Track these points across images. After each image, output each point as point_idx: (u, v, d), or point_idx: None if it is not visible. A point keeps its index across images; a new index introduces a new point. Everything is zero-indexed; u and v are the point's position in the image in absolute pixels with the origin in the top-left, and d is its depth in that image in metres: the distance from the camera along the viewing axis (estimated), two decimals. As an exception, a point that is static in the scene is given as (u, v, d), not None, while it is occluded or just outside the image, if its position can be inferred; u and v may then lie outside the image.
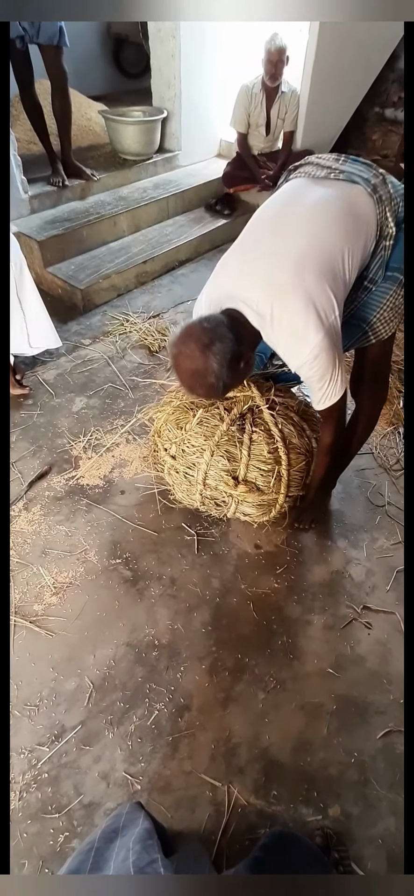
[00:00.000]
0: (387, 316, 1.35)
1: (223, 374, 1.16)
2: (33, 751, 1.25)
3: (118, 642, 1.45)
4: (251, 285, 1.21)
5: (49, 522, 1.75)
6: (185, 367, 1.18)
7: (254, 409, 1.62)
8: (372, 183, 1.23)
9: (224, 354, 1.14)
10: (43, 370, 2.40)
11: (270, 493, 1.56)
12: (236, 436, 1.55)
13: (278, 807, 1.19)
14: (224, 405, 1.61)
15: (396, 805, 1.20)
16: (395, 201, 1.24)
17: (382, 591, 1.61)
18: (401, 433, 2.13)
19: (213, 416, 1.59)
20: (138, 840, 0.76)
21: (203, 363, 1.14)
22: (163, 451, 1.68)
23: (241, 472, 1.54)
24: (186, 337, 1.17)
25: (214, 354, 1.13)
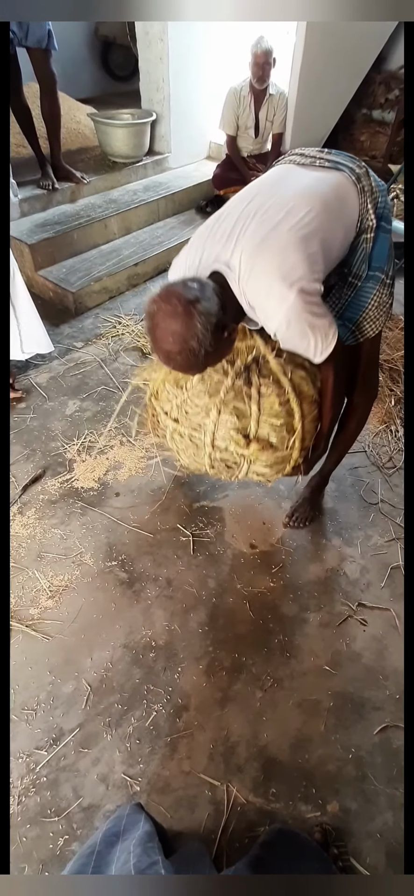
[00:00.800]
0: (372, 315, 1.36)
1: (206, 340, 1.04)
2: (31, 755, 1.24)
3: (115, 644, 1.45)
4: (235, 249, 1.14)
5: (44, 526, 1.74)
6: (165, 326, 1.04)
7: (259, 360, 1.47)
8: (356, 172, 1.24)
9: (209, 316, 1.04)
10: (35, 374, 2.39)
11: (285, 448, 1.42)
12: (244, 389, 1.40)
13: (277, 804, 1.20)
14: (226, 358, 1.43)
15: (394, 800, 1.21)
16: (376, 194, 1.25)
17: (376, 588, 1.62)
18: (393, 431, 2.15)
19: (215, 370, 1.43)
20: (139, 843, 0.76)
21: (186, 322, 1.02)
22: (163, 415, 1.52)
23: (252, 430, 1.39)
24: (169, 293, 1.04)
25: (200, 314, 1.02)
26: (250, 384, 1.40)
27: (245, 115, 3.44)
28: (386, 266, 1.32)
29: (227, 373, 1.41)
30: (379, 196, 1.26)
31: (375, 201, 1.25)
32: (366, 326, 1.39)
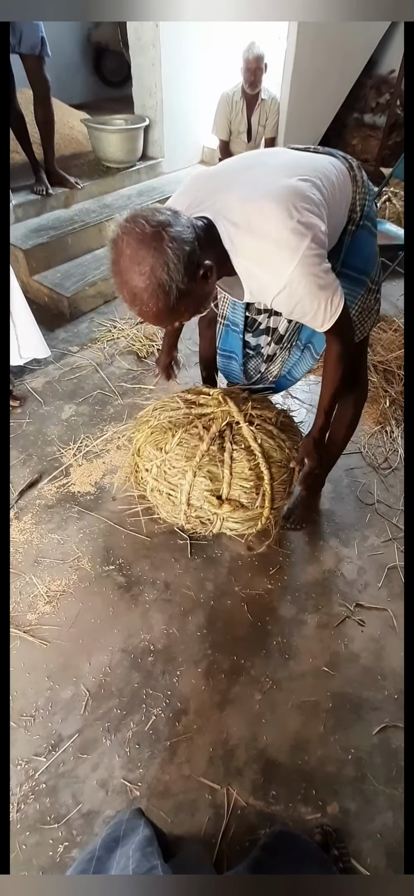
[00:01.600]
0: (357, 320, 1.35)
1: (177, 273, 0.89)
2: (30, 762, 1.23)
3: (113, 649, 1.45)
4: (226, 195, 1.03)
5: (41, 531, 1.73)
6: (130, 252, 0.87)
7: (232, 426, 1.58)
8: (349, 161, 1.24)
9: (182, 244, 0.89)
10: (31, 378, 2.38)
11: (255, 508, 1.53)
12: (217, 455, 1.51)
13: (277, 806, 1.20)
14: (203, 423, 1.57)
15: (394, 799, 1.21)
16: (364, 188, 1.24)
17: (373, 589, 1.63)
18: (388, 432, 2.16)
19: (192, 436, 1.55)
20: (138, 848, 0.76)
21: (155, 247, 0.86)
22: (144, 472, 1.61)
23: (224, 492, 1.51)
24: (136, 215, 0.89)
25: (171, 238, 0.87)
26: (223, 450, 1.52)
27: (238, 120, 3.46)
28: (371, 271, 1.31)
29: (202, 438, 1.52)
30: (367, 195, 1.25)
31: (364, 197, 1.24)
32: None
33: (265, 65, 3.22)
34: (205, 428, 1.56)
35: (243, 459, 1.51)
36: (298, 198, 1.00)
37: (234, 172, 1.12)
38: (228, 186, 1.06)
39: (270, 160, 1.17)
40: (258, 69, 3.20)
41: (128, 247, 0.87)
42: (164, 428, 1.60)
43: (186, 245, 0.90)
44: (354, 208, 1.23)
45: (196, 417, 1.60)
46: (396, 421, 2.20)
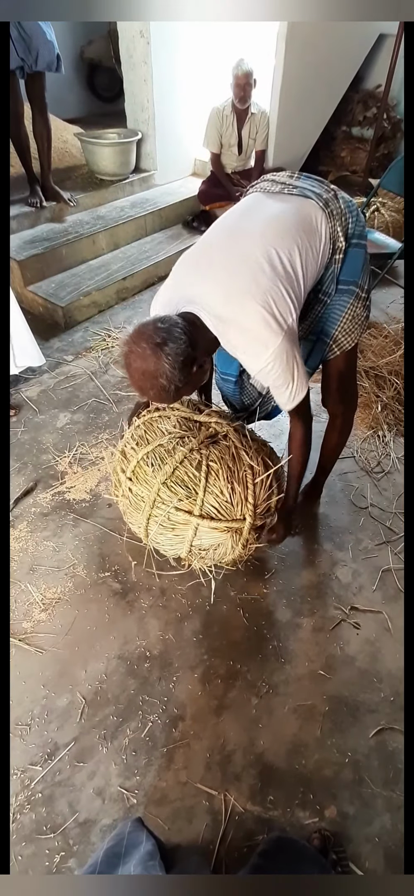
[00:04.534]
0: (348, 327, 1.38)
1: (175, 377, 1.11)
2: (26, 771, 1.22)
3: (109, 656, 1.44)
4: (209, 291, 1.19)
5: (36, 539, 1.73)
6: (136, 366, 1.11)
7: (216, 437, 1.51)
8: (324, 198, 1.27)
9: (177, 356, 1.10)
10: (26, 387, 2.39)
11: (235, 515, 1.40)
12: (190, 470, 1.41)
13: (275, 811, 1.20)
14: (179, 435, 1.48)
15: (391, 802, 1.21)
16: (345, 217, 1.28)
17: (368, 591, 1.64)
18: (380, 436, 2.18)
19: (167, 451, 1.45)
20: (140, 862, 0.76)
21: (154, 363, 1.09)
22: (120, 473, 1.52)
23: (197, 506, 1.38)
24: (139, 335, 1.11)
25: (167, 355, 1.08)
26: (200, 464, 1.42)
27: (228, 134, 3.52)
28: (360, 280, 1.34)
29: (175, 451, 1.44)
30: (349, 217, 1.29)
31: (345, 223, 1.28)
32: (342, 339, 1.40)
33: (254, 80, 3.29)
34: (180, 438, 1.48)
35: (220, 476, 1.40)
36: (272, 295, 1.15)
37: (213, 260, 1.23)
38: (210, 277, 1.20)
39: (247, 240, 1.21)
40: (247, 85, 3.27)
41: (134, 361, 1.11)
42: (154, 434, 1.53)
43: (181, 355, 1.10)
44: (336, 239, 1.27)
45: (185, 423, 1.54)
46: (388, 425, 2.22)
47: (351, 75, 4.28)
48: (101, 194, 3.68)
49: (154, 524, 1.42)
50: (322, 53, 3.69)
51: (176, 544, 1.43)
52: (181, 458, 1.41)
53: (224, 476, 1.39)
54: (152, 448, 1.45)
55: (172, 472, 1.40)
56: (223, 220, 1.32)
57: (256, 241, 1.19)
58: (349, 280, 1.33)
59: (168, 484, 1.39)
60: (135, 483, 1.45)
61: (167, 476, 1.39)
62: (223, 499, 1.38)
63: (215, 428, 1.52)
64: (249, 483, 1.39)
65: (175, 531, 1.41)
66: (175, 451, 1.44)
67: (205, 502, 1.37)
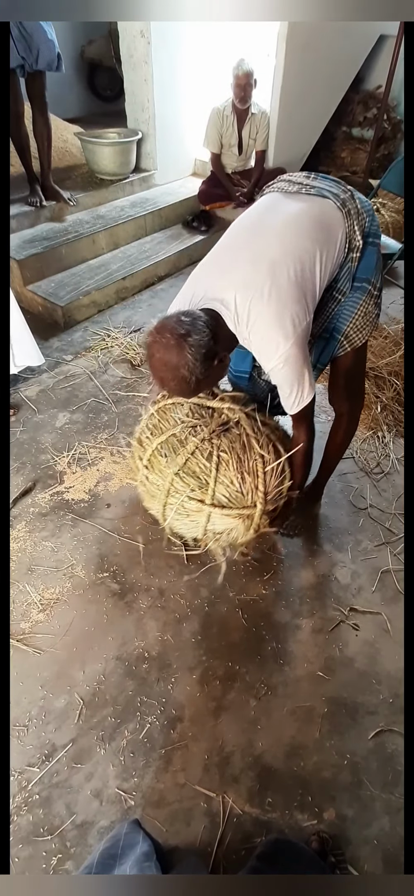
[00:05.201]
0: (359, 324, 1.39)
1: (197, 369, 1.14)
2: (23, 772, 1.22)
3: (108, 656, 1.44)
4: (229, 287, 1.21)
5: (34, 539, 1.73)
6: (159, 356, 1.14)
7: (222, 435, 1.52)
8: (341, 198, 1.28)
9: (199, 348, 1.13)
10: (25, 387, 2.38)
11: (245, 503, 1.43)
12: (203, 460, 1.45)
13: (274, 814, 1.19)
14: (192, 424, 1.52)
15: (390, 804, 1.21)
16: (362, 216, 1.30)
17: (367, 593, 1.64)
18: (380, 437, 2.18)
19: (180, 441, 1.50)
20: (136, 863, 0.75)
21: (177, 354, 1.12)
22: (138, 459, 1.56)
23: (208, 494, 1.42)
24: (163, 327, 1.14)
25: (190, 346, 1.11)
26: (210, 455, 1.45)
27: (229, 134, 3.52)
28: (373, 277, 1.36)
29: (187, 441, 1.48)
30: (365, 216, 1.31)
31: (362, 222, 1.29)
32: (353, 336, 1.42)
33: (255, 80, 3.29)
34: (192, 427, 1.52)
35: (230, 466, 1.44)
36: (290, 297, 1.18)
37: (234, 260, 1.25)
38: (230, 276, 1.23)
39: (266, 242, 1.24)
40: (248, 85, 3.27)
41: (157, 352, 1.14)
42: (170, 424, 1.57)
43: (203, 348, 1.13)
44: (353, 238, 1.29)
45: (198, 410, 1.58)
46: (387, 426, 2.22)
47: (351, 76, 4.28)
48: (101, 194, 3.67)
49: (170, 511, 1.47)
50: (322, 54, 3.69)
51: (191, 528, 1.49)
52: (192, 450, 1.45)
53: (234, 466, 1.43)
54: (166, 438, 1.49)
55: (184, 463, 1.44)
56: (243, 220, 1.34)
57: (274, 243, 1.22)
58: (362, 277, 1.35)
59: (180, 475, 1.44)
60: (150, 471, 1.50)
61: (179, 467, 1.43)
62: (233, 488, 1.42)
63: (228, 414, 1.55)
64: (260, 472, 1.42)
65: (190, 517, 1.46)
66: (187, 442, 1.48)
67: (216, 492, 1.42)
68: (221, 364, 1.24)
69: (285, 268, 1.19)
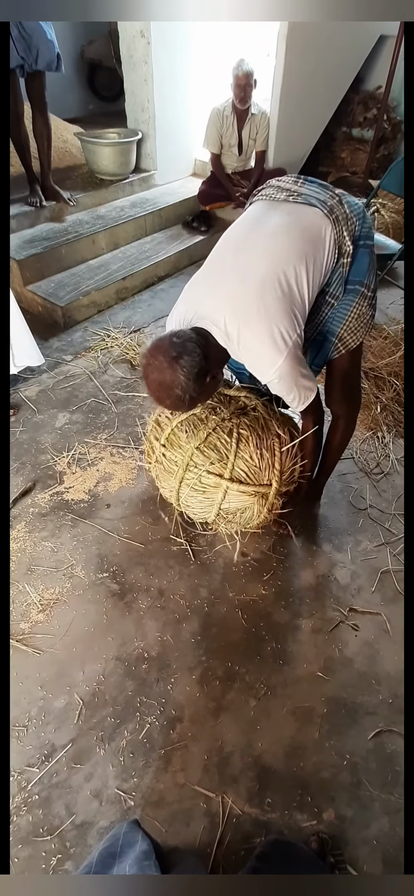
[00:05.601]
0: (353, 326, 1.40)
1: (190, 388, 1.20)
2: (23, 772, 1.21)
3: (107, 657, 1.44)
4: (218, 307, 1.25)
5: (34, 539, 1.73)
6: (154, 377, 1.21)
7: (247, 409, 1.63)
8: (328, 204, 1.28)
9: (191, 368, 1.18)
10: (25, 387, 2.38)
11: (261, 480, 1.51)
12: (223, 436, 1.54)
13: (273, 814, 1.19)
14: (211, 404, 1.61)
15: (390, 805, 1.21)
16: (351, 221, 1.30)
17: (367, 593, 1.64)
18: (379, 438, 2.18)
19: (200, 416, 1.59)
20: (135, 862, 0.75)
21: (170, 375, 1.18)
22: (154, 440, 1.65)
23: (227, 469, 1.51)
24: (155, 349, 1.20)
25: (182, 367, 1.17)
26: (231, 431, 1.55)
27: (229, 134, 3.52)
28: (366, 279, 1.36)
29: (207, 420, 1.57)
30: (356, 221, 1.31)
31: (352, 227, 1.30)
32: (347, 338, 1.42)
33: (255, 81, 3.29)
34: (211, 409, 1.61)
35: (250, 443, 1.51)
36: (279, 314, 1.21)
37: (222, 278, 1.28)
38: (219, 294, 1.26)
39: (254, 258, 1.26)
40: (248, 85, 3.27)
41: (151, 374, 1.21)
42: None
43: (195, 367, 1.19)
44: (343, 243, 1.29)
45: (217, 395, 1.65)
46: (387, 427, 2.22)
47: (351, 76, 4.28)
48: (101, 194, 3.67)
49: (186, 487, 1.55)
50: (323, 54, 3.69)
51: (206, 507, 1.56)
52: (214, 426, 1.53)
53: (253, 443, 1.50)
54: (186, 416, 1.57)
55: (206, 437, 1.52)
56: (231, 234, 1.36)
57: (262, 260, 1.24)
58: (355, 280, 1.35)
59: (201, 448, 1.52)
60: (169, 449, 1.57)
61: (201, 441, 1.52)
62: (252, 464, 1.49)
63: (245, 401, 1.64)
64: (277, 451, 1.50)
65: (205, 493, 1.53)
66: (208, 420, 1.57)
67: (235, 466, 1.49)
68: (213, 381, 1.31)
69: (273, 285, 1.21)
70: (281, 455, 1.50)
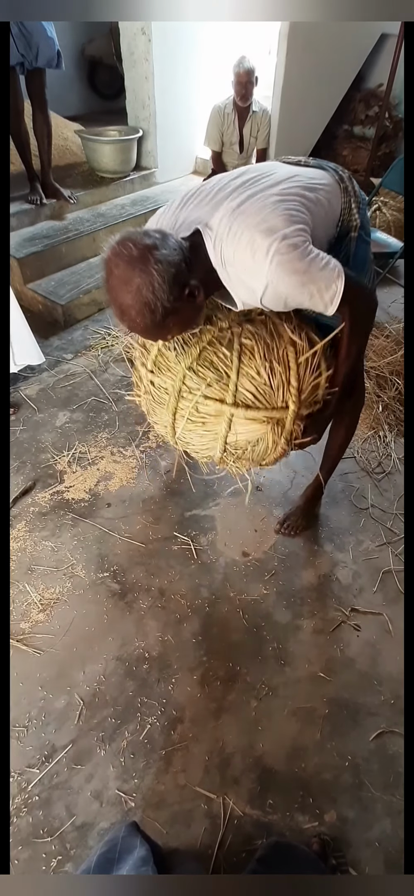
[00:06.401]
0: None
1: (163, 294, 0.95)
2: (23, 773, 1.21)
3: (108, 657, 1.43)
4: (215, 211, 1.07)
5: (34, 538, 1.72)
6: (118, 273, 0.94)
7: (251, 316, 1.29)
8: (339, 173, 1.27)
9: (168, 267, 0.95)
10: (25, 386, 2.37)
11: (275, 404, 1.19)
12: (222, 351, 1.19)
13: (274, 816, 1.18)
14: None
15: (391, 806, 1.20)
16: (358, 198, 1.27)
17: (369, 593, 1.63)
18: (381, 437, 2.17)
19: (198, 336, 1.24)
20: (133, 868, 0.75)
21: (141, 270, 0.93)
22: (140, 367, 1.34)
23: (230, 389, 1.18)
24: (125, 238, 0.95)
25: (156, 261, 0.93)
26: (231, 343, 1.21)
27: (229, 132, 3.50)
28: (364, 276, 1.33)
29: (202, 333, 1.24)
30: (362, 203, 1.29)
31: (358, 206, 1.27)
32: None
33: (256, 78, 3.27)
34: (208, 319, 1.26)
35: (256, 355, 1.18)
36: (277, 212, 1.04)
37: (224, 189, 1.14)
38: (218, 201, 1.10)
39: (261, 178, 1.18)
40: (249, 83, 3.25)
41: (116, 267, 0.94)
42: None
43: (172, 267, 0.96)
44: (352, 216, 1.25)
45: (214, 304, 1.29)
46: (388, 426, 2.21)
47: (353, 74, 4.26)
48: (102, 192, 3.66)
49: (181, 419, 1.23)
50: (324, 52, 3.68)
51: (208, 442, 1.24)
52: (209, 339, 1.21)
53: (261, 354, 1.17)
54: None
55: (199, 354, 1.19)
56: (234, 171, 1.24)
57: (269, 186, 1.12)
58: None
59: (195, 368, 1.19)
60: (157, 374, 1.26)
61: (193, 359, 1.19)
62: (260, 381, 1.16)
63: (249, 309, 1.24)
64: (292, 363, 1.16)
65: (206, 425, 1.22)
66: (201, 333, 1.22)
67: (239, 387, 1.16)
68: (192, 300, 1.03)
69: (281, 188, 1.09)
70: (298, 367, 1.16)
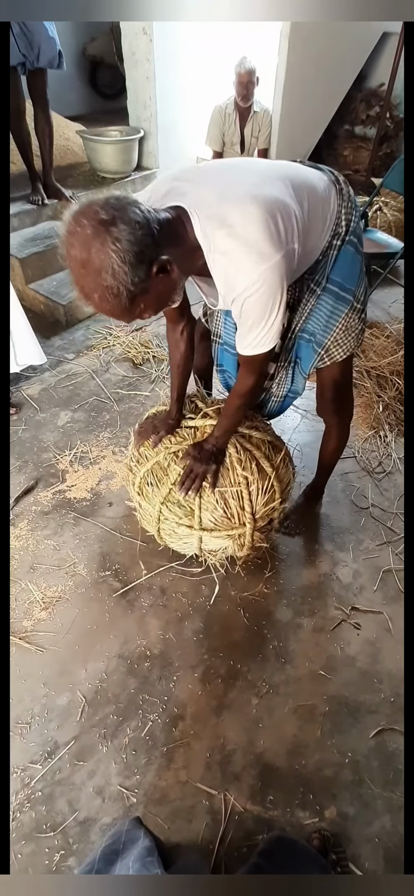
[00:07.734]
0: (340, 338, 1.33)
1: (125, 277, 0.84)
2: (26, 769, 1.22)
3: (110, 655, 1.44)
4: (206, 190, 1.00)
5: (37, 537, 1.73)
6: (74, 254, 0.84)
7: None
8: (335, 175, 1.24)
9: (129, 246, 0.83)
10: (27, 385, 2.38)
11: (233, 525, 1.46)
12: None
13: (275, 811, 1.19)
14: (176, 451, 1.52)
15: (391, 803, 1.21)
16: (352, 205, 1.23)
17: (369, 592, 1.64)
18: (382, 437, 2.18)
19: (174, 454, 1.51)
20: (138, 858, 0.76)
21: (98, 250, 0.82)
22: (131, 473, 1.60)
23: (195, 520, 1.45)
24: (80, 212, 0.84)
25: (114, 240, 0.82)
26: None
27: (231, 132, 3.51)
28: (356, 289, 1.28)
29: (168, 470, 1.49)
30: (353, 210, 1.24)
31: (350, 212, 1.23)
32: (333, 350, 1.35)
33: (257, 78, 3.28)
34: (175, 454, 1.51)
35: (212, 493, 1.44)
36: (279, 207, 1.01)
37: (218, 170, 1.12)
38: (210, 181, 1.05)
39: (256, 165, 1.18)
40: (250, 83, 3.26)
41: (72, 247, 0.84)
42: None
43: (135, 245, 0.84)
44: (339, 222, 1.22)
45: (181, 432, 1.58)
46: (389, 426, 2.22)
47: (354, 74, 4.27)
48: (103, 192, 3.67)
49: (163, 534, 1.54)
50: (325, 52, 3.69)
51: (188, 548, 1.55)
52: (175, 479, 1.47)
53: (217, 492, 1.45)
54: (150, 467, 1.52)
55: (168, 493, 1.47)
56: (230, 159, 1.25)
57: (264, 172, 1.11)
58: (345, 287, 1.27)
59: (167, 504, 1.47)
60: (142, 498, 1.54)
61: (164, 497, 1.47)
62: (218, 514, 1.44)
63: (208, 431, 1.53)
64: (245, 494, 1.44)
65: (182, 539, 1.51)
66: (169, 470, 1.49)
67: (202, 518, 1.44)
68: (164, 275, 0.93)
69: (278, 184, 1.05)
70: (250, 496, 1.43)
